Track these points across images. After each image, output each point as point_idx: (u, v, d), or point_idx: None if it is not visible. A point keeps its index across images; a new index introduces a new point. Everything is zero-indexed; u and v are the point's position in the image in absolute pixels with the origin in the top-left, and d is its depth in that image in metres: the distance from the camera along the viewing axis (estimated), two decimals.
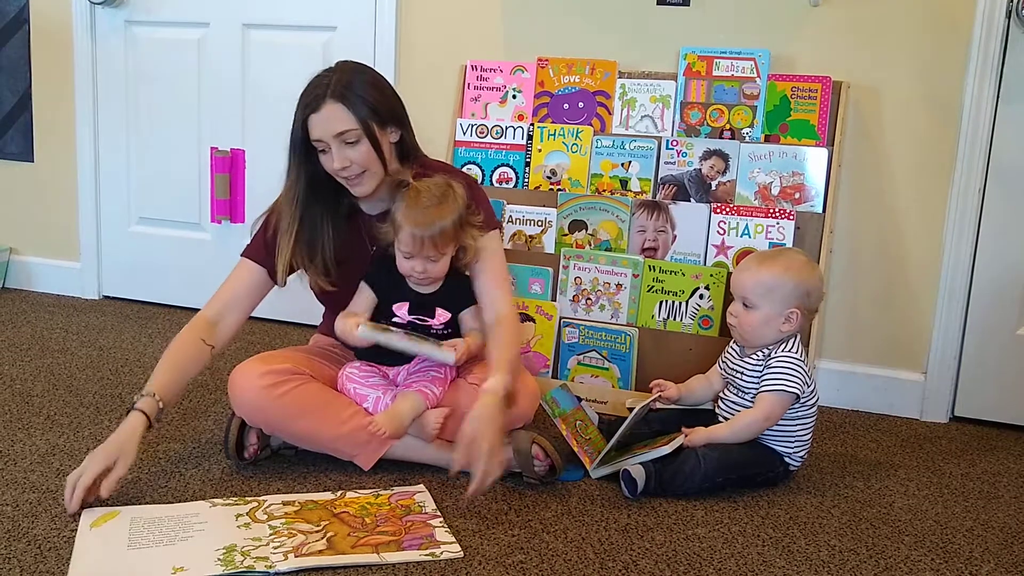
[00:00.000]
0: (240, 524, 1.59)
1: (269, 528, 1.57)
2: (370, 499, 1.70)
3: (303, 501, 1.69)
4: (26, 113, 3.18)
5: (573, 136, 2.45)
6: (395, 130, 1.86)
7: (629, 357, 2.28)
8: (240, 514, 1.62)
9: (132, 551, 1.48)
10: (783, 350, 1.86)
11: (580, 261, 2.35)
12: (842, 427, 2.28)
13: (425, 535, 1.57)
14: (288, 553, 1.48)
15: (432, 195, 1.80)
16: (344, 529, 1.58)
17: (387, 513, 1.65)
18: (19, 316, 2.94)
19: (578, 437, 1.90)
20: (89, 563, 1.44)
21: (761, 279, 1.85)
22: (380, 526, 1.60)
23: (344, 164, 1.78)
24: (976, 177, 2.26)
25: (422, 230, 1.77)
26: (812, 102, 2.30)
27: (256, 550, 1.49)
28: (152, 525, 1.56)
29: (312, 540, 1.53)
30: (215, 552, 1.48)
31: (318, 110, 1.76)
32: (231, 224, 2.98)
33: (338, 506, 1.67)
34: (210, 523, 1.59)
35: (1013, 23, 2.20)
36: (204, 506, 1.65)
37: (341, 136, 1.77)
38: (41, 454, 1.87)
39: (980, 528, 1.74)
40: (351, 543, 1.54)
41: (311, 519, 1.62)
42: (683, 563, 1.54)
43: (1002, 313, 2.30)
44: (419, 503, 1.70)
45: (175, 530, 1.55)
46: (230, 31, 2.91)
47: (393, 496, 1.72)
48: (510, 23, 2.61)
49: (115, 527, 1.55)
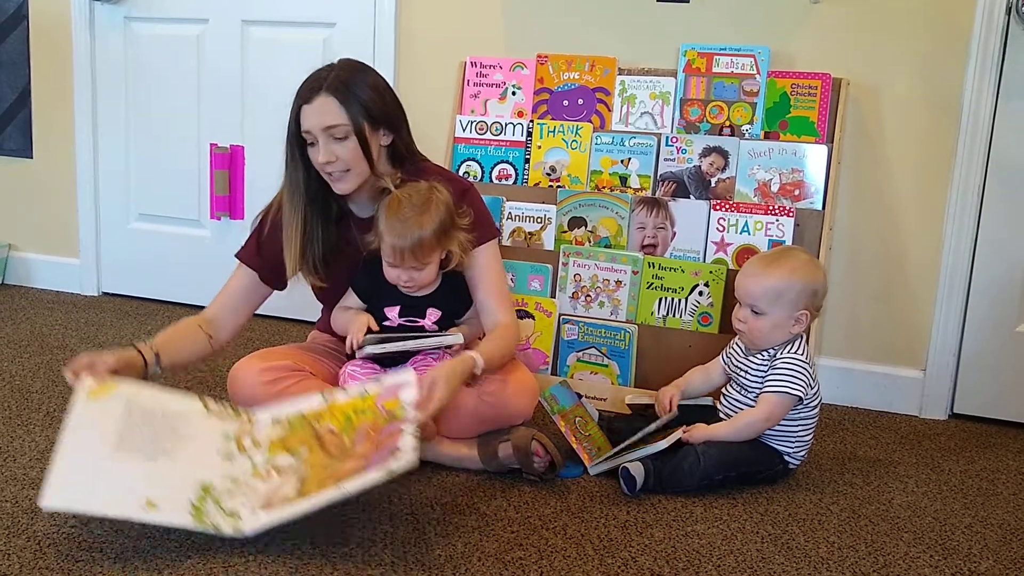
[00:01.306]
0: (224, 452, 1.60)
1: (251, 464, 1.59)
2: (357, 403, 1.67)
3: (291, 416, 1.68)
4: (25, 109, 3.18)
5: (573, 133, 2.45)
6: (387, 133, 1.85)
7: (628, 354, 2.28)
8: (228, 435, 1.64)
9: (117, 454, 1.52)
10: (789, 351, 1.85)
11: (579, 258, 2.35)
12: (841, 424, 2.28)
13: (391, 447, 1.53)
14: (257, 508, 1.52)
15: (412, 205, 1.77)
16: (320, 460, 1.58)
17: (369, 425, 1.61)
18: (18, 312, 2.94)
19: (577, 434, 1.90)
20: (74, 465, 1.48)
21: (768, 285, 1.83)
22: (357, 445, 1.58)
23: (329, 159, 1.77)
24: (976, 174, 2.26)
25: (401, 241, 1.76)
26: (812, 99, 2.30)
27: (229, 498, 1.53)
28: (144, 420, 1.58)
29: (286, 483, 1.55)
30: (191, 491, 1.51)
31: (311, 102, 1.77)
32: (230, 220, 2.98)
33: (323, 419, 1.66)
34: (197, 440, 1.60)
35: (1013, 20, 2.19)
36: (197, 411, 1.66)
37: (330, 130, 1.77)
38: (40, 450, 1.87)
39: (979, 525, 1.74)
40: (321, 478, 1.54)
41: (294, 447, 1.62)
42: (682, 559, 1.55)
43: (1001, 310, 2.30)
44: (404, 403, 1.62)
45: (162, 436, 1.56)
46: (229, 27, 2.90)
47: (380, 397, 1.66)
48: (510, 19, 2.61)
49: (110, 409, 1.57)
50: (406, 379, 1.67)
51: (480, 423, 1.85)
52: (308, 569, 1.46)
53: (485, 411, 1.83)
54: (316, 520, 1.61)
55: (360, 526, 1.61)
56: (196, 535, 1.53)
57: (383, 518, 1.64)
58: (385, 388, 1.68)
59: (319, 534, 1.56)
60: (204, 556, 1.48)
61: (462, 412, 1.83)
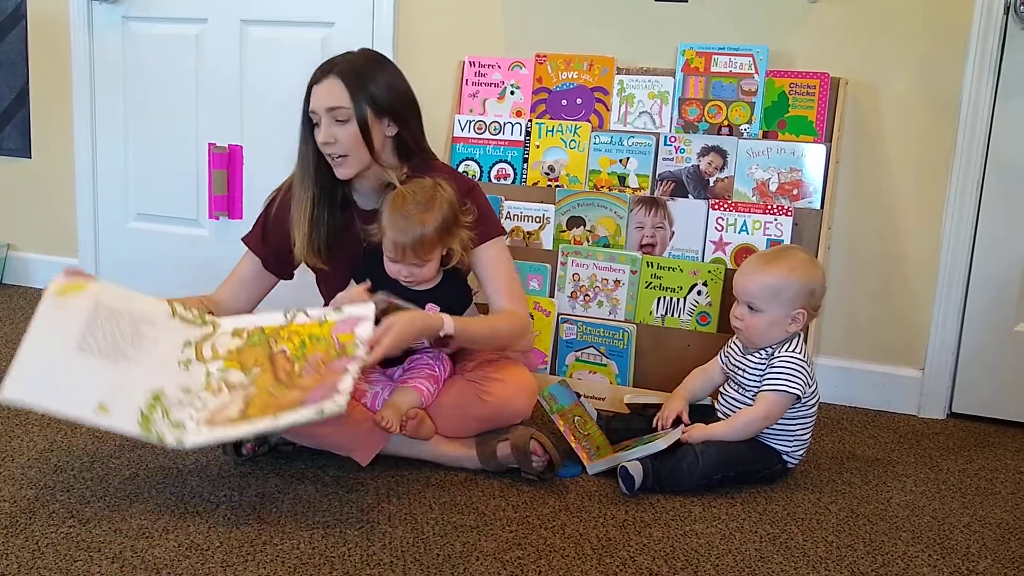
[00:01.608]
0: (182, 360, 1.64)
1: (204, 376, 1.64)
2: (314, 329, 1.71)
3: (252, 330, 1.73)
4: (24, 109, 3.18)
5: (571, 132, 2.45)
6: (392, 124, 1.86)
7: (627, 353, 2.28)
8: (189, 342, 1.68)
9: (79, 355, 1.55)
10: (787, 349, 1.85)
11: (578, 257, 2.35)
12: (840, 423, 2.28)
13: (332, 385, 1.56)
14: (202, 422, 1.56)
15: (416, 201, 1.78)
16: (268, 384, 1.63)
17: (321, 356, 1.65)
18: (17, 312, 2.94)
19: (576, 433, 1.90)
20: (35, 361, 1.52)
21: (766, 282, 1.83)
22: (303, 376, 1.62)
23: (328, 140, 1.81)
24: (974, 173, 2.26)
25: (403, 237, 1.77)
26: (810, 98, 2.30)
27: (179, 409, 1.58)
28: (109, 320, 1.61)
29: (232, 403, 1.59)
30: (142, 398, 1.55)
31: (319, 82, 1.82)
32: (229, 220, 2.98)
33: (280, 339, 1.70)
34: (159, 345, 1.64)
35: (1011, 19, 2.19)
36: (164, 314, 1.70)
37: (332, 112, 1.80)
38: (39, 450, 1.87)
39: (977, 524, 1.74)
40: (264, 403, 1.58)
41: (247, 364, 1.67)
42: (680, 559, 1.55)
43: (1000, 309, 2.30)
44: (356, 340, 1.65)
45: (125, 338, 1.60)
46: (228, 27, 2.90)
47: (336, 326, 1.69)
48: (508, 19, 2.61)
49: (77, 306, 1.59)
50: (364, 313, 1.69)
51: (478, 423, 1.85)
52: (307, 569, 1.46)
53: (483, 410, 1.83)
54: (315, 519, 1.62)
55: (358, 526, 1.61)
56: (196, 534, 1.54)
57: (381, 518, 1.64)
58: (343, 319, 1.70)
59: (317, 532, 1.57)
60: (203, 555, 1.48)
61: (460, 412, 1.83)
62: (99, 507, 1.63)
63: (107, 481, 1.74)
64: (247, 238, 2.00)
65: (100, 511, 1.62)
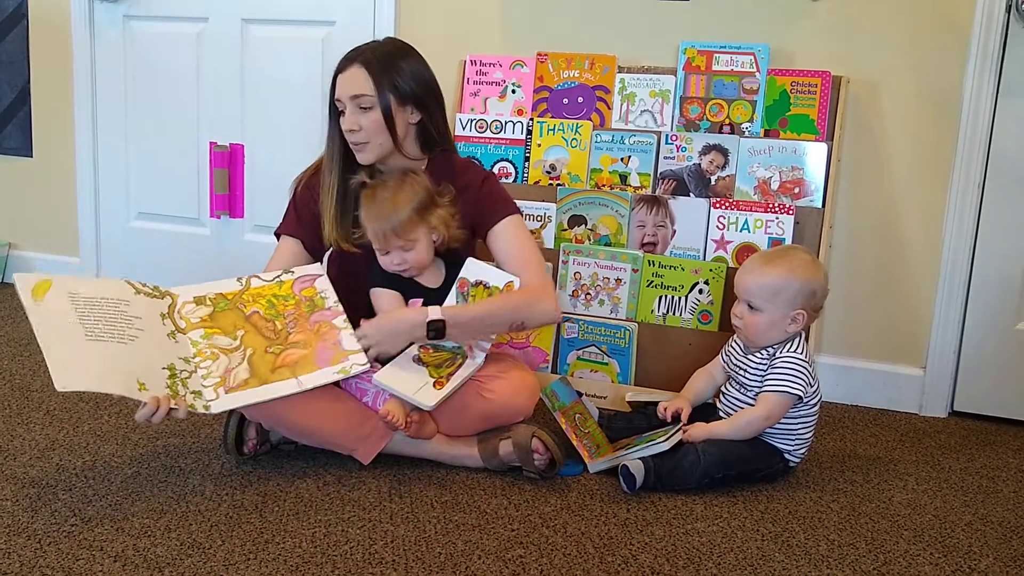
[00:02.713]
0: (167, 332, 1.68)
1: (191, 344, 1.68)
2: (275, 290, 1.80)
3: (212, 298, 1.77)
4: (25, 108, 3.18)
5: (572, 131, 2.45)
6: (415, 112, 1.89)
7: (628, 352, 2.28)
8: (164, 314, 1.71)
9: (91, 342, 1.56)
10: (788, 350, 1.85)
11: (579, 256, 2.35)
12: (841, 422, 2.28)
13: (333, 342, 1.73)
14: (218, 387, 1.64)
15: (387, 187, 1.84)
16: (260, 342, 1.71)
17: (294, 311, 1.75)
18: (18, 311, 2.93)
19: (577, 431, 1.90)
20: (64, 353, 1.52)
21: (766, 282, 1.83)
22: (292, 334, 1.72)
23: (352, 127, 1.84)
24: (976, 172, 2.26)
25: (381, 224, 1.81)
26: (812, 97, 2.30)
27: (190, 379, 1.64)
28: (92, 310, 1.62)
29: (235, 364, 1.65)
30: (163, 372, 1.60)
31: (344, 70, 1.86)
32: (230, 219, 2.98)
33: (247, 303, 1.77)
34: (145, 322, 1.66)
35: (1013, 18, 2.19)
36: (130, 292, 1.71)
37: (356, 100, 1.84)
38: (40, 449, 1.87)
39: (979, 523, 1.74)
40: (270, 364, 1.67)
41: (226, 327, 1.73)
42: (682, 557, 1.55)
43: (1002, 308, 2.30)
44: (321, 293, 1.79)
45: (117, 322, 1.62)
46: (229, 26, 2.90)
47: (295, 284, 1.81)
48: (509, 17, 2.60)
49: (56, 306, 1.60)
50: (318, 271, 1.86)
51: (480, 421, 1.85)
52: (309, 567, 1.46)
53: (485, 408, 1.83)
54: (317, 518, 1.62)
55: (360, 525, 1.61)
56: (198, 533, 1.54)
57: (383, 517, 1.64)
58: (298, 278, 1.83)
59: (319, 531, 1.57)
60: (205, 554, 1.48)
61: (462, 410, 1.83)
62: (101, 506, 1.63)
63: (109, 480, 1.74)
64: (282, 229, 1.99)
65: (102, 510, 1.62)
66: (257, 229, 2.92)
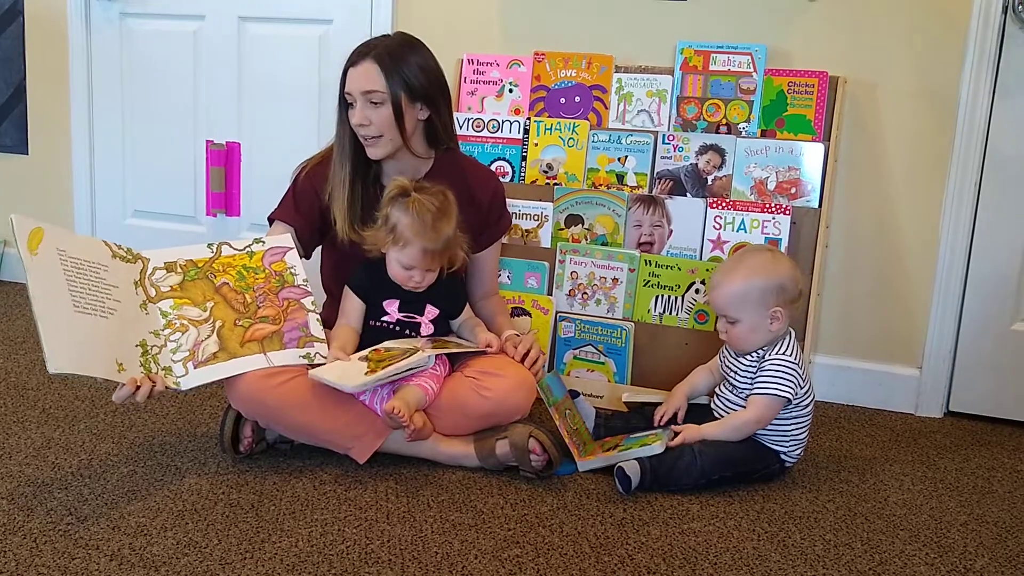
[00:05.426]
0: (139, 303, 1.71)
1: (161, 316, 1.71)
2: (245, 261, 1.83)
3: (184, 264, 1.80)
4: (21, 105, 3.17)
5: (569, 130, 2.45)
6: (424, 108, 1.90)
7: (625, 351, 2.29)
8: (136, 281, 1.74)
9: (82, 316, 1.59)
10: (777, 351, 1.85)
11: (576, 256, 2.35)
12: (837, 422, 2.28)
13: (301, 323, 1.79)
14: (187, 361, 1.68)
15: (436, 208, 1.81)
16: (230, 315, 1.75)
17: (264, 284, 1.79)
18: (14, 309, 2.94)
19: (567, 428, 1.90)
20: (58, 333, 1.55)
21: (731, 291, 1.84)
22: (261, 308, 1.76)
23: (362, 122, 1.85)
24: (972, 171, 2.26)
25: (434, 245, 1.80)
26: (809, 97, 2.30)
27: (160, 354, 1.68)
28: (77, 272, 1.65)
29: (204, 337, 1.69)
30: (136, 351, 1.65)
31: (356, 65, 1.86)
32: (226, 218, 2.97)
33: (217, 272, 1.80)
34: (121, 291, 1.69)
35: (1009, 18, 2.20)
36: (107, 254, 1.74)
37: (368, 95, 1.84)
38: (36, 447, 1.87)
39: (974, 523, 1.75)
40: (239, 337, 1.71)
41: (196, 298, 1.76)
42: (679, 557, 1.55)
43: (997, 308, 2.30)
44: (291, 268, 1.86)
45: (99, 290, 1.65)
46: (226, 24, 2.90)
47: (266, 256, 1.85)
48: (507, 17, 2.60)
49: (48, 263, 1.63)
50: (287, 244, 1.89)
51: (477, 420, 1.85)
52: (305, 567, 1.46)
53: (482, 407, 1.83)
54: (314, 517, 1.62)
55: (357, 524, 1.61)
56: (194, 532, 1.54)
57: (379, 516, 1.64)
58: (268, 249, 1.86)
59: (316, 530, 1.57)
60: (201, 553, 1.48)
61: (459, 409, 1.83)
62: (97, 504, 1.63)
63: (105, 478, 1.74)
64: (277, 214, 1.98)
65: (98, 508, 1.62)
66: (253, 227, 2.90)
